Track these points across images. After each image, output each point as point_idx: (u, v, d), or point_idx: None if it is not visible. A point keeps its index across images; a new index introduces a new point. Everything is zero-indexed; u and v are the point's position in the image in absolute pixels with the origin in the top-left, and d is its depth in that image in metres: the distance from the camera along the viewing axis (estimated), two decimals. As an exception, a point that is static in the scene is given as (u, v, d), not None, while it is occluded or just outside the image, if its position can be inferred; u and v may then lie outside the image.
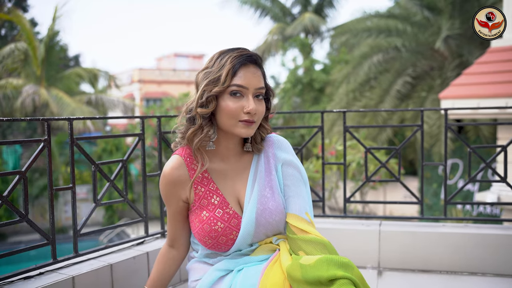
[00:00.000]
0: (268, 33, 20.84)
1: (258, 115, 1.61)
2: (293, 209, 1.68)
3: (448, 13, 12.91)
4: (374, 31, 15.04)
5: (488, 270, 2.75)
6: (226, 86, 1.56)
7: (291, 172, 1.73)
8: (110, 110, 17.77)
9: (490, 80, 6.68)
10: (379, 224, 2.98)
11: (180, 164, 1.67)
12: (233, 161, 1.71)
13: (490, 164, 2.85)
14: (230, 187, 1.69)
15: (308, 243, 1.60)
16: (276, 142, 1.75)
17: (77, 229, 2.26)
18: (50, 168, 2.14)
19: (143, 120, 2.59)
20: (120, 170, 2.47)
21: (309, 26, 19.28)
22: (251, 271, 1.62)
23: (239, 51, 1.60)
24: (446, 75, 12.80)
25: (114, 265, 2.27)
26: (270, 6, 22.04)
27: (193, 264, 1.82)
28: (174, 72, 29.89)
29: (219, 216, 1.63)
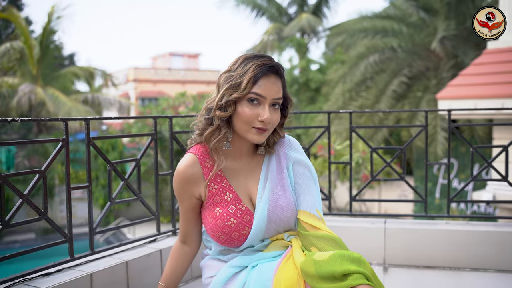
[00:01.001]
0: (264, 33, 20.90)
1: (272, 124, 1.67)
2: (304, 206, 1.74)
3: (443, 14, 13.02)
4: (371, 32, 15.14)
5: (490, 266, 2.82)
6: (245, 93, 1.61)
7: (301, 170, 1.79)
8: (106, 109, 17.78)
9: (487, 81, 6.77)
10: (384, 222, 3.05)
11: (194, 162, 1.73)
12: (245, 160, 1.78)
13: (491, 163, 2.92)
14: (243, 185, 1.75)
15: (320, 239, 1.67)
16: (287, 142, 1.82)
17: (93, 227, 2.31)
18: (68, 167, 2.20)
19: (155, 120, 2.65)
20: (134, 169, 2.52)
21: (306, 26, 19.36)
22: (265, 267, 1.68)
23: (264, 59, 1.65)
24: (442, 75, 12.92)
25: (129, 262, 2.33)
26: (267, 6, 22.09)
27: (207, 261, 1.87)
28: (170, 71, 29.90)
29: (232, 212, 1.69)
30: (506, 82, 6.58)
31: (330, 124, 3.09)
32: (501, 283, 2.67)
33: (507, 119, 6.55)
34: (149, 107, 16.91)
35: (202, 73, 31.53)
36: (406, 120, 13.02)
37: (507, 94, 6.37)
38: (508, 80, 6.59)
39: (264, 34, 20.88)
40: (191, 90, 21.00)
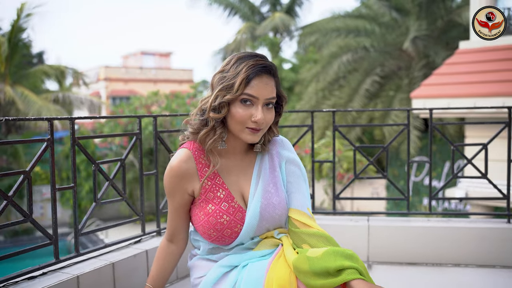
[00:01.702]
0: (238, 32, 20.90)
1: (266, 123, 1.67)
2: (295, 204, 1.76)
3: (415, 14, 13.25)
4: (343, 31, 15.29)
5: (471, 262, 2.89)
6: (238, 95, 1.62)
7: (293, 169, 1.82)
8: (77, 108, 17.48)
9: (459, 81, 6.92)
10: (367, 219, 3.09)
11: (188, 157, 1.72)
12: (239, 158, 1.78)
13: (471, 160, 2.98)
14: (235, 183, 1.75)
15: (312, 236, 1.68)
16: (280, 142, 1.84)
17: (78, 228, 2.27)
18: (53, 168, 2.15)
19: (140, 120, 2.61)
20: (119, 169, 2.48)
21: (280, 25, 19.44)
22: (256, 266, 1.67)
23: (256, 59, 1.65)
24: (413, 75, 13.14)
25: (115, 264, 2.29)
26: (239, 5, 22.09)
27: (196, 262, 1.85)
28: (141, 70, 29.58)
29: (225, 210, 1.69)
30: (478, 81, 6.74)
31: (301, 123, 3.10)
32: (482, 277, 2.73)
33: (479, 117, 6.71)
34: (121, 106, 16.69)
35: (174, 72, 31.29)
36: (379, 119, 13.20)
37: (479, 93, 6.52)
38: (480, 80, 6.75)
39: (237, 33, 20.89)
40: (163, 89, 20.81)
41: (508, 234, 2.87)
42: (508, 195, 2.97)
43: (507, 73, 6.58)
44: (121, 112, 16.19)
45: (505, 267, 2.85)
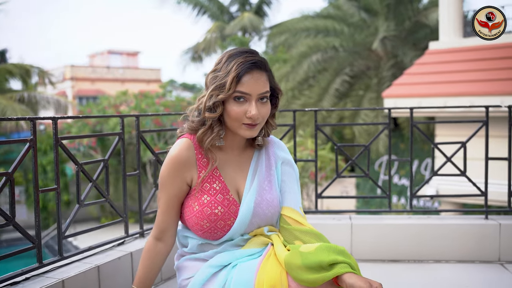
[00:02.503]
0: (207, 31, 20.82)
1: (261, 117, 1.68)
2: (288, 203, 1.78)
3: (383, 15, 13.46)
4: (313, 31, 15.40)
5: (451, 257, 2.95)
6: (230, 93, 1.63)
7: (288, 170, 1.85)
8: (43, 108, 17.06)
9: (430, 80, 7.06)
10: (349, 218, 3.11)
11: (189, 146, 1.72)
12: (236, 153, 1.79)
13: (450, 158, 3.04)
14: (231, 177, 1.76)
15: (305, 233, 1.70)
16: (276, 143, 1.88)
17: (62, 231, 2.21)
18: (36, 169, 2.09)
19: (122, 119, 2.57)
20: (102, 170, 2.43)
21: (248, 25, 19.45)
22: (245, 266, 1.66)
23: (245, 56, 1.65)
24: (382, 74, 13.34)
25: (101, 267, 2.24)
26: (208, 5, 22.01)
27: (184, 262, 1.82)
28: (108, 69, 29.12)
29: (220, 201, 1.69)
30: (447, 81, 6.89)
31: (294, 122, 3.11)
32: (462, 272, 2.79)
33: (449, 116, 6.86)
34: (89, 106, 16.40)
35: (142, 71, 30.93)
36: (349, 119, 13.34)
37: (448, 93, 6.67)
38: (449, 80, 6.90)
39: (207, 32, 20.80)
40: (130, 89, 20.50)
41: (486, 230, 2.94)
42: (486, 192, 3.04)
43: (475, 73, 6.76)
44: (89, 112, 15.90)
45: (484, 262, 2.92)
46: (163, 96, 17.35)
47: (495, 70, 6.61)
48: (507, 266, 2.86)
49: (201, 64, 23.32)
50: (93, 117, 2.38)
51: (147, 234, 2.76)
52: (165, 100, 16.46)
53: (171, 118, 14.94)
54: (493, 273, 2.79)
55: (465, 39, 7.43)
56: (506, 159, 2.99)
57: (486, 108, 2.98)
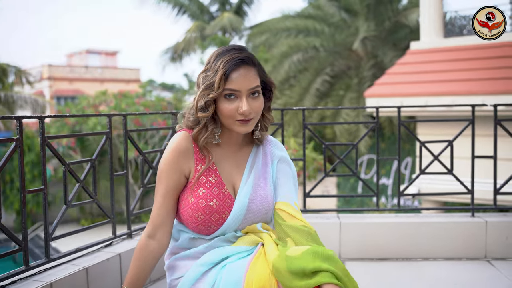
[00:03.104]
0: (187, 31, 20.72)
1: (255, 112, 1.68)
2: (283, 197, 1.77)
3: (364, 15, 13.55)
4: (293, 31, 15.45)
5: (439, 255, 2.97)
6: (220, 91, 1.64)
7: (284, 167, 1.84)
8: (20, 108, 16.74)
9: (411, 80, 7.13)
10: (337, 216, 3.11)
11: (187, 137, 1.73)
12: (234, 149, 1.80)
13: (438, 157, 3.07)
14: (228, 172, 1.76)
15: (296, 231, 1.68)
16: (273, 141, 1.88)
17: (49, 232, 2.16)
18: (22, 170, 2.03)
19: (110, 118, 2.52)
20: (90, 170, 2.38)
21: (228, 25, 19.41)
22: (235, 266, 1.64)
23: (231, 54, 1.66)
24: (363, 74, 13.44)
25: (89, 269, 2.20)
26: (188, 4, 21.90)
27: (174, 262, 1.80)
28: (87, 69, 28.75)
29: (215, 194, 1.70)
30: (429, 81, 6.97)
31: (283, 121, 3.10)
32: (450, 270, 2.81)
33: (429, 116, 6.93)
34: (68, 106, 16.17)
35: (121, 71, 30.61)
36: (330, 118, 13.40)
37: (430, 92, 6.75)
38: (431, 79, 6.98)
39: (187, 32, 20.69)
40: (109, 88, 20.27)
41: (472, 227, 2.97)
42: (472, 190, 3.07)
43: (456, 73, 6.84)
44: (68, 112, 15.67)
45: (471, 259, 2.95)
46: (143, 96, 17.20)
47: (476, 70, 6.71)
48: (493, 263, 2.89)
49: (181, 64, 23.19)
50: (80, 116, 2.34)
51: (135, 235, 2.72)
52: (145, 100, 16.32)
53: (151, 118, 14.82)
54: (480, 269, 2.82)
55: (446, 39, 7.52)
56: (491, 157, 3.02)
57: (472, 106, 3.01)
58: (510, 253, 2.93)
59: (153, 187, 2.87)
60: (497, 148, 3.01)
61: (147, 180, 2.79)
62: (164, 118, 15.22)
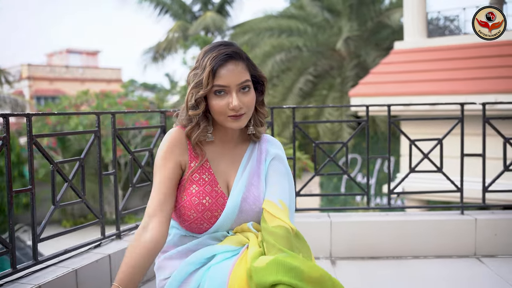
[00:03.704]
0: (169, 31, 20.59)
1: (247, 107, 1.66)
2: (268, 196, 1.73)
3: (346, 15, 13.62)
4: (276, 31, 15.46)
5: (429, 253, 2.98)
6: (209, 88, 1.62)
7: (277, 164, 1.80)
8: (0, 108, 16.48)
9: (396, 79, 7.17)
10: (328, 215, 3.10)
11: (181, 132, 1.71)
12: (230, 146, 1.77)
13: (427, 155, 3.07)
14: (222, 171, 1.74)
15: (270, 235, 1.62)
16: (269, 139, 1.85)
17: (37, 233, 2.10)
18: (9, 168, 1.97)
19: (99, 117, 2.46)
20: (78, 169, 2.33)
21: (211, 25, 19.33)
22: (220, 267, 1.61)
23: (218, 50, 1.65)
24: (345, 74, 13.50)
25: (78, 271, 2.15)
26: (170, 4, 21.76)
27: (162, 262, 1.77)
28: (67, 69, 28.36)
29: (208, 192, 1.67)
30: (413, 80, 7.02)
31: (272, 120, 3.08)
32: (440, 268, 2.82)
33: (413, 115, 6.97)
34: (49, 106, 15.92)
35: (102, 71, 30.28)
36: (313, 117, 13.43)
37: (414, 92, 6.79)
38: (415, 79, 7.03)
39: (169, 32, 20.57)
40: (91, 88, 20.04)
41: (462, 225, 2.99)
42: (461, 188, 3.08)
43: (440, 73, 6.90)
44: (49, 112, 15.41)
45: (461, 257, 2.96)
46: (125, 95, 17.05)
47: (459, 70, 6.78)
48: (483, 260, 2.91)
49: (162, 64, 23.05)
50: (69, 114, 2.28)
51: (124, 236, 2.67)
52: (127, 100, 16.17)
53: (134, 118, 14.68)
54: (470, 267, 2.83)
55: (429, 39, 7.59)
56: (480, 155, 3.04)
57: (461, 105, 3.02)
58: (499, 250, 2.95)
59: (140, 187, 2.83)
60: (485, 146, 3.02)
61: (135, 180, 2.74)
62: (147, 118, 15.09)
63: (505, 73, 6.24)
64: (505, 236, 2.95)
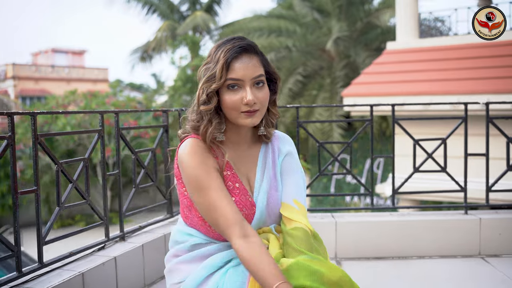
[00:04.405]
0: (158, 30, 20.47)
1: (260, 103, 1.59)
2: (284, 198, 1.69)
3: (336, 16, 13.64)
4: (266, 31, 15.42)
5: (434, 253, 2.96)
6: (222, 82, 1.56)
7: (289, 161, 1.76)
8: (-16, 109, 16.26)
9: (388, 80, 7.19)
10: (332, 216, 3.07)
11: (198, 140, 1.61)
12: (244, 148, 1.71)
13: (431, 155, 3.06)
14: (244, 175, 1.68)
15: (289, 236, 1.60)
16: (281, 137, 1.79)
17: (42, 236, 2.04)
18: (15, 169, 1.91)
19: (102, 116, 2.41)
20: (83, 170, 2.27)
21: (201, 24, 19.26)
22: (238, 269, 1.58)
23: (232, 43, 1.59)
24: (335, 74, 13.50)
25: (85, 274, 2.09)
26: (158, 3, 21.64)
27: (175, 265, 1.71)
28: (53, 68, 28.03)
29: (243, 202, 1.62)
30: (405, 80, 7.04)
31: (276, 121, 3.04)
32: (445, 268, 2.81)
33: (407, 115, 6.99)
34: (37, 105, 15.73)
35: (89, 70, 29.99)
36: (304, 117, 13.40)
37: (407, 92, 6.81)
38: (407, 79, 7.05)
39: (157, 31, 20.44)
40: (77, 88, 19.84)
41: (466, 224, 2.98)
42: (465, 188, 3.08)
43: (432, 73, 6.93)
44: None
45: (465, 257, 2.95)
46: (114, 95, 16.90)
47: (452, 70, 6.81)
48: (487, 259, 2.90)
49: (150, 64, 22.91)
50: (74, 112, 2.22)
51: (128, 237, 2.61)
52: (115, 100, 16.03)
53: (122, 119, 14.56)
54: (475, 266, 2.83)
55: (421, 40, 7.62)
56: (484, 155, 3.04)
57: (465, 104, 3.02)
58: (503, 250, 2.95)
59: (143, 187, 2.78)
60: (489, 146, 3.02)
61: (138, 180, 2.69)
62: (135, 118, 14.98)
63: (498, 73, 6.28)
64: (510, 235, 2.95)
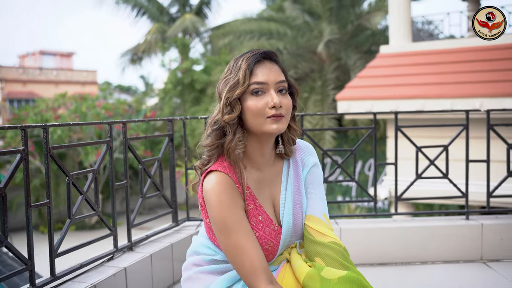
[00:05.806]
0: (148, 33, 20.40)
1: (285, 109, 1.55)
2: (310, 210, 1.67)
3: (326, 18, 13.70)
4: (256, 33, 15.43)
5: (437, 259, 3.00)
6: (246, 86, 1.53)
7: (314, 172, 1.73)
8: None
9: (382, 83, 7.23)
10: (336, 222, 3.09)
11: (224, 174, 1.56)
12: (267, 168, 1.66)
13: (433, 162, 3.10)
14: (267, 197, 1.65)
15: (326, 248, 1.60)
16: (303, 148, 1.75)
17: (54, 248, 2.04)
18: (28, 183, 1.91)
19: (111, 126, 2.41)
20: (92, 181, 2.27)
21: (190, 27, 19.22)
22: None
23: (252, 51, 1.59)
24: (326, 77, 13.56)
25: (97, 286, 2.09)
26: (147, 5, 21.56)
27: (195, 274, 1.69)
28: (41, 71, 27.79)
29: (268, 235, 1.59)
30: (399, 84, 7.09)
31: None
32: (448, 273, 2.84)
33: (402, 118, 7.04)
34: (26, 109, 15.58)
35: (78, 73, 29.77)
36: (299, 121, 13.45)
37: (400, 95, 6.86)
38: (401, 83, 7.10)
39: (147, 34, 20.38)
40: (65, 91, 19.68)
41: (468, 230, 3.02)
42: (467, 193, 3.11)
43: (426, 76, 6.99)
44: (25, 115, 15.07)
45: (467, 262, 2.99)
46: (104, 98, 16.80)
47: (445, 74, 6.87)
48: (490, 264, 2.94)
49: (140, 66, 22.85)
50: (83, 124, 2.21)
51: (135, 247, 2.61)
52: (106, 103, 15.93)
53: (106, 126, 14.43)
54: (478, 271, 2.87)
55: (414, 44, 7.68)
56: (484, 161, 3.08)
57: (466, 112, 3.05)
58: (505, 255, 2.99)
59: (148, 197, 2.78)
60: (490, 152, 3.06)
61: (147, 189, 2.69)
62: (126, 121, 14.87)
63: (492, 77, 6.35)
64: (511, 240, 2.99)
